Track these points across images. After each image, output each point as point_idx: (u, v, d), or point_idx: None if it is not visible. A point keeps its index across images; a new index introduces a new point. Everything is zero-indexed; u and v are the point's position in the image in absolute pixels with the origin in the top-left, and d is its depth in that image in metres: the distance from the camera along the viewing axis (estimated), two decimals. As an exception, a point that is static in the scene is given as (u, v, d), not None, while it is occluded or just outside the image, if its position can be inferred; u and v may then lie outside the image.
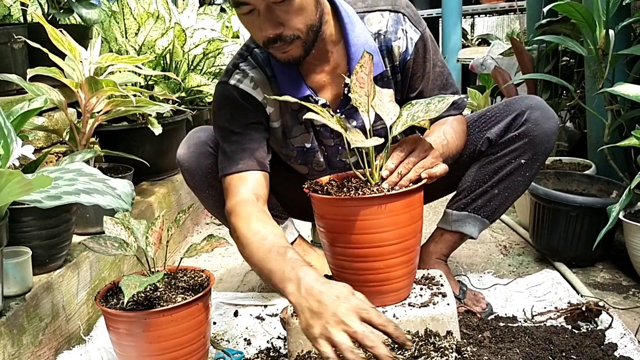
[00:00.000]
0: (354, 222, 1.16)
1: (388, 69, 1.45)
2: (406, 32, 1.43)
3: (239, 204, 1.32)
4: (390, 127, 1.21)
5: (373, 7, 1.43)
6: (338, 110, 1.45)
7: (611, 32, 1.77)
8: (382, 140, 1.15)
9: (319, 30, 1.33)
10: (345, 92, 1.42)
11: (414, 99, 1.32)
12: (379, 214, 1.15)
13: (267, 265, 1.14)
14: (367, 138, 1.17)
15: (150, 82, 2.16)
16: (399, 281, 1.22)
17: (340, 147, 1.53)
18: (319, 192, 1.23)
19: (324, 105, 1.39)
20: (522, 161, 1.50)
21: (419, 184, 1.19)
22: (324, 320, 0.95)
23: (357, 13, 1.42)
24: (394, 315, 1.20)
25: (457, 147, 1.44)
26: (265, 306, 1.67)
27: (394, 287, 1.22)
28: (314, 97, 1.41)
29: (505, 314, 1.53)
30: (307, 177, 1.55)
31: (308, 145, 1.53)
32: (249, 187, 1.36)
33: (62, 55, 1.61)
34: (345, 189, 1.22)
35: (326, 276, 1.38)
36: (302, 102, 1.21)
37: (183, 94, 2.25)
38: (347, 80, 1.31)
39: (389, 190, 1.16)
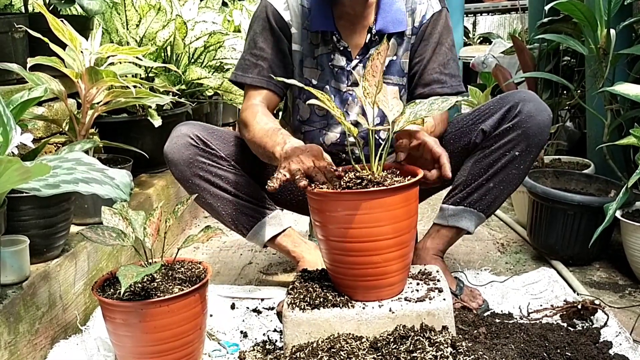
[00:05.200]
0: (352, 216, 1.17)
1: (409, 29, 1.62)
2: (430, 0, 1.62)
3: (251, 105, 1.57)
4: (393, 123, 1.22)
5: None
6: (357, 57, 1.61)
7: (612, 31, 1.77)
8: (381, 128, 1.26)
9: None
10: (367, 41, 1.59)
11: (416, 65, 1.61)
12: (377, 208, 1.15)
13: (264, 140, 1.42)
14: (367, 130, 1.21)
15: (150, 74, 2.16)
16: (394, 275, 1.22)
17: (350, 99, 1.64)
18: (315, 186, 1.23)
19: (344, 50, 1.60)
20: (516, 153, 1.52)
21: (416, 178, 1.20)
22: (290, 160, 1.27)
23: None
24: (390, 310, 1.20)
25: (442, 133, 1.59)
26: (262, 299, 1.68)
27: (390, 281, 1.23)
28: (337, 37, 1.59)
29: (501, 311, 1.53)
30: (305, 123, 1.68)
31: (314, 82, 1.64)
32: (259, 97, 1.59)
33: (63, 46, 1.60)
34: (341, 184, 1.22)
35: (324, 269, 1.40)
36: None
37: (183, 87, 2.25)
38: (374, 30, 1.57)
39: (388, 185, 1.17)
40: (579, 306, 1.44)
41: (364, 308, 1.21)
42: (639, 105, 1.69)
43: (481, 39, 5.68)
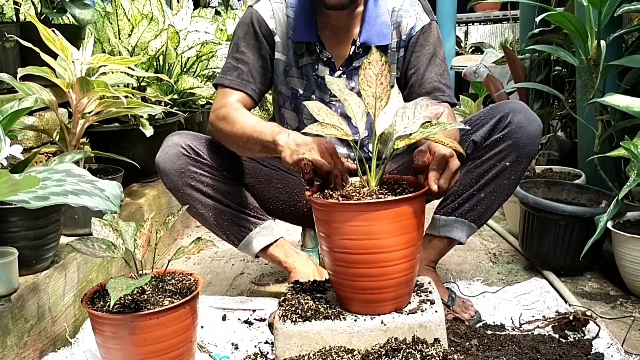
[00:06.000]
0: (354, 228, 1.16)
1: (394, 42, 1.61)
2: (417, 14, 1.61)
3: (228, 103, 1.54)
4: (382, 135, 1.21)
5: None
6: (341, 68, 1.62)
7: (603, 42, 1.78)
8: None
9: None
10: (351, 52, 1.59)
11: (413, 76, 1.59)
12: (381, 220, 1.15)
13: (257, 128, 1.38)
14: (351, 134, 1.20)
15: (142, 84, 2.15)
16: (397, 289, 1.21)
17: (333, 107, 1.62)
18: (323, 196, 1.22)
19: (327, 60, 1.61)
20: (507, 164, 1.52)
21: (422, 190, 1.18)
22: (302, 147, 1.24)
23: None
24: (382, 322, 1.20)
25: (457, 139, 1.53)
26: (254, 310, 1.67)
27: (392, 295, 1.21)
28: (319, 48, 1.60)
29: (494, 322, 1.53)
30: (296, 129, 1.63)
31: (300, 92, 1.65)
32: (235, 97, 1.57)
33: (54, 55, 1.59)
34: (344, 194, 1.21)
35: (316, 281, 1.39)
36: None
37: (175, 96, 2.25)
38: (358, 42, 1.57)
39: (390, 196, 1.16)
40: (571, 317, 1.44)
41: (355, 320, 1.20)
42: (630, 116, 1.70)
43: (473, 48, 5.71)
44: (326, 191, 1.24)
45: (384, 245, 1.16)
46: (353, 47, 1.60)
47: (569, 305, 1.60)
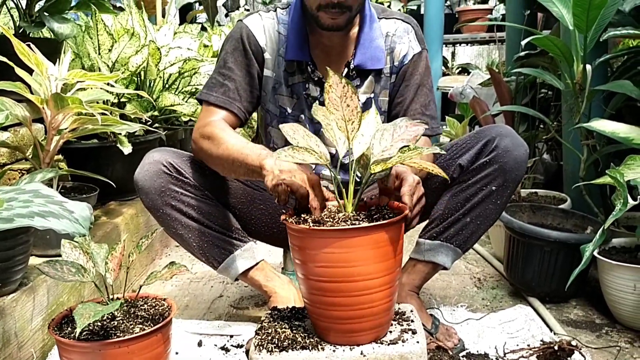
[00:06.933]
0: (329, 255, 1.11)
1: (387, 67, 1.60)
2: (410, 41, 1.61)
3: (213, 121, 1.50)
4: (360, 159, 1.17)
5: (390, 16, 1.63)
6: None
7: (588, 67, 1.77)
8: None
9: (358, 12, 1.51)
10: (344, 74, 1.57)
11: (398, 105, 1.60)
12: (356, 247, 1.10)
13: (243, 151, 1.35)
14: (334, 165, 1.15)
15: (122, 100, 2.11)
16: (376, 318, 1.16)
17: (322, 130, 1.55)
18: (295, 221, 1.18)
19: (319, 80, 1.58)
20: (493, 188, 1.49)
21: (399, 216, 1.15)
22: (285, 173, 1.22)
23: (377, 17, 1.61)
24: (362, 353, 1.15)
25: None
26: (231, 336, 1.61)
27: (371, 324, 1.16)
28: (311, 67, 1.57)
29: (477, 351, 1.49)
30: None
31: (289, 110, 1.61)
32: (220, 116, 1.53)
33: (31, 70, 1.55)
34: (318, 219, 1.17)
35: (295, 308, 1.34)
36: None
37: (156, 113, 2.20)
38: (352, 65, 1.55)
39: (365, 222, 1.12)
40: (556, 347, 1.40)
41: (334, 351, 1.16)
42: (615, 142, 1.68)
43: (460, 69, 5.74)
44: (302, 215, 1.20)
45: (360, 273, 1.11)
46: (346, 69, 1.58)
47: (554, 333, 1.57)
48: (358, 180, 1.61)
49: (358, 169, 1.18)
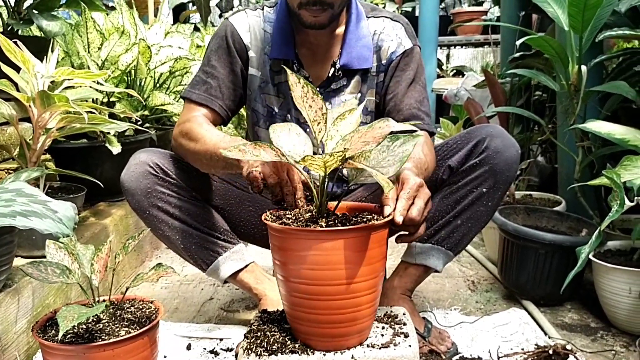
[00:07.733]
0: (311, 256, 1.09)
1: (374, 66, 1.56)
2: (399, 38, 1.57)
3: (193, 117, 1.48)
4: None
5: (378, 14, 1.60)
6: (318, 88, 1.54)
7: (584, 68, 1.75)
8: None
9: (342, 10, 1.50)
10: (330, 74, 1.54)
11: (390, 101, 1.54)
12: (338, 249, 1.08)
13: (221, 145, 1.28)
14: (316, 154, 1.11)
15: (112, 99, 2.08)
16: (357, 323, 1.14)
17: (308, 128, 1.51)
18: (277, 221, 1.15)
19: (305, 79, 1.43)
20: (484, 190, 1.47)
21: (383, 220, 1.12)
22: (254, 164, 1.18)
23: (366, 16, 1.58)
24: (353, 357, 1.12)
25: (431, 171, 1.43)
26: (221, 339, 1.58)
27: (356, 328, 1.14)
28: (297, 66, 1.54)
29: (471, 355, 1.47)
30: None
31: (276, 110, 1.59)
32: (201, 113, 1.51)
33: (18, 68, 1.52)
34: (299, 219, 1.14)
35: (281, 311, 1.31)
36: (287, 70, 1.13)
37: (146, 112, 2.17)
38: (338, 64, 1.53)
39: (343, 224, 1.09)
40: (550, 351, 1.38)
41: (324, 355, 1.13)
42: (611, 143, 1.66)
43: (454, 71, 5.72)
44: (281, 213, 1.17)
45: (343, 276, 1.08)
46: (332, 68, 1.55)
47: (549, 337, 1.55)
48: (346, 180, 1.59)
49: (340, 170, 1.15)
